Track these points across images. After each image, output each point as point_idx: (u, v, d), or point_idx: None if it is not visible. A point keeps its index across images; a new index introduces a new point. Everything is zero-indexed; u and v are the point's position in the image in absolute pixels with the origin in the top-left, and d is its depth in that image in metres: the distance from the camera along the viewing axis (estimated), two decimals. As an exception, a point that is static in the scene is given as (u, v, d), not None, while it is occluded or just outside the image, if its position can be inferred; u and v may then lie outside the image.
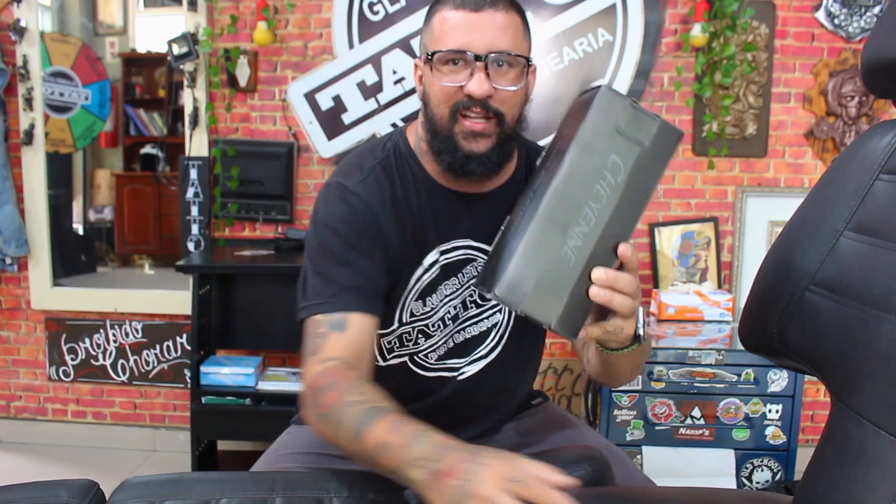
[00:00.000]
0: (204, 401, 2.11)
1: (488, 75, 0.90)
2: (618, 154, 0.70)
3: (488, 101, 0.91)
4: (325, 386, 0.86)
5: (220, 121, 2.36)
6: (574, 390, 2.44)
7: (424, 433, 0.75)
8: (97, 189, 4.28)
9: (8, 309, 2.55)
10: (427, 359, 1.08)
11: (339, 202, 0.99)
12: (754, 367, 1.84)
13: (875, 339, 0.67)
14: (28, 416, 2.62)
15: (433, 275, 1.03)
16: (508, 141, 0.96)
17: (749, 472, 1.89)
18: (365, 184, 0.99)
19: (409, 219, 1.00)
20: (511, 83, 0.92)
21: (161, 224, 4.14)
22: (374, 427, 0.77)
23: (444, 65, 0.92)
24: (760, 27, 2.22)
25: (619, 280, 0.72)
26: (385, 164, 1.01)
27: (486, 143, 0.94)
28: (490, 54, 0.90)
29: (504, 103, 0.93)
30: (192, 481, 0.91)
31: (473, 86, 0.90)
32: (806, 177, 2.31)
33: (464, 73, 0.91)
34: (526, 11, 0.99)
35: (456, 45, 0.90)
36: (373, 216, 0.98)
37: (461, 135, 0.93)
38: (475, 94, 0.90)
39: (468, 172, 0.95)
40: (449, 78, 0.92)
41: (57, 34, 2.57)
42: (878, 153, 0.73)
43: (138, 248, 4.26)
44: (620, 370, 0.95)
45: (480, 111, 0.92)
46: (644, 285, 2.36)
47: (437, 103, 0.94)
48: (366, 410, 0.80)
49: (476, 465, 0.67)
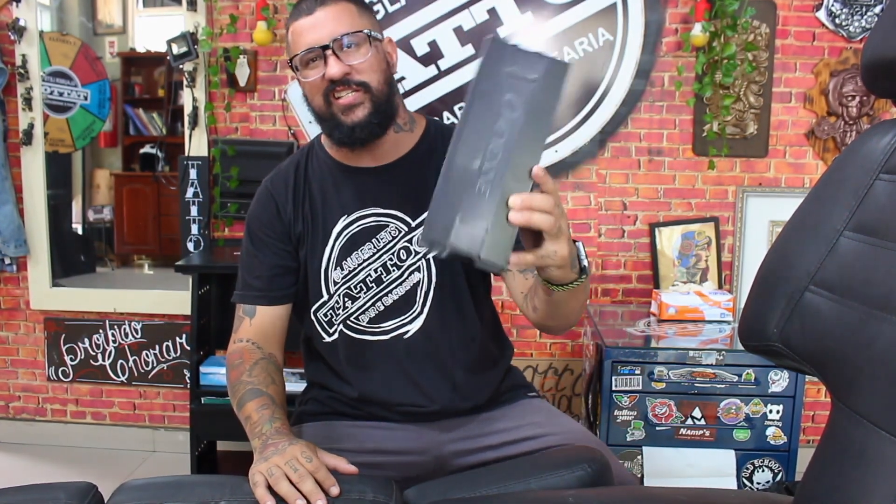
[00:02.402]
0: (203, 401, 2.10)
1: (339, 58, 1.06)
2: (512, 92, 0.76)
3: (348, 78, 1.07)
4: (233, 364, 1.12)
5: (220, 120, 2.36)
6: (574, 390, 2.44)
7: (272, 420, 0.99)
8: (96, 189, 4.28)
9: (7, 309, 2.54)
10: (359, 321, 1.18)
11: (254, 201, 1.22)
12: (755, 368, 1.83)
13: (875, 339, 0.67)
14: (27, 416, 2.61)
15: (343, 241, 1.17)
16: (383, 103, 1.10)
17: (750, 472, 1.89)
18: (273, 179, 1.22)
19: (310, 199, 1.18)
20: (361, 56, 1.08)
21: (160, 224, 4.14)
22: (248, 404, 1.03)
23: (305, 66, 1.09)
24: (761, 27, 2.22)
25: (535, 199, 0.76)
26: (298, 159, 1.22)
27: (362, 112, 1.08)
28: (333, 40, 1.06)
29: (363, 74, 1.08)
30: (190, 484, 0.91)
31: (330, 70, 1.06)
32: (807, 177, 2.31)
33: (321, 66, 1.07)
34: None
35: (305, 45, 1.07)
36: (273, 204, 1.19)
37: (339, 112, 1.09)
38: (334, 76, 1.06)
39: (357, 140, 1.10)
40: (312, 73, 1.08)
41: (56, 34, 2.56)
42: (878, 153, 0.73)
43: (138, 248, 4.26)
44: (568, 310, 1.02)
45: (345, 87, 1.07)
46: (644, 285, 2.36)
47: (312, 97, 1.11)
48: (248, 391, 1.05)
49: (276, 449, 0.91)
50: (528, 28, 2.20)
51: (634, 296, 2.37)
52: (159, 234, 4.16)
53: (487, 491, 0.97)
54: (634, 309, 2.27)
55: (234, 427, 2.13)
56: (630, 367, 1.84)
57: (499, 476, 1.01)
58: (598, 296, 2.39)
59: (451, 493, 0.96)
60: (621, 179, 2.33)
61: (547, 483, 0.98)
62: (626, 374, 1.84)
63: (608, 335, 1.94)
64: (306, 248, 1.18)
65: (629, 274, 2.38)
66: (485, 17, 2.21)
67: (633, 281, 2.38)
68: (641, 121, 2.29)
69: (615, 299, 2.39)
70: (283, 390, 1.10)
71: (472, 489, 0.97)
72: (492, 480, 0.99)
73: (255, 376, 1.07)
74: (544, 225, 0.78)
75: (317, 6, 1.07)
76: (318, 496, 0.85)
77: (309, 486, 0.85)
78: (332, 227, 1.17)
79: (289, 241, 1.19)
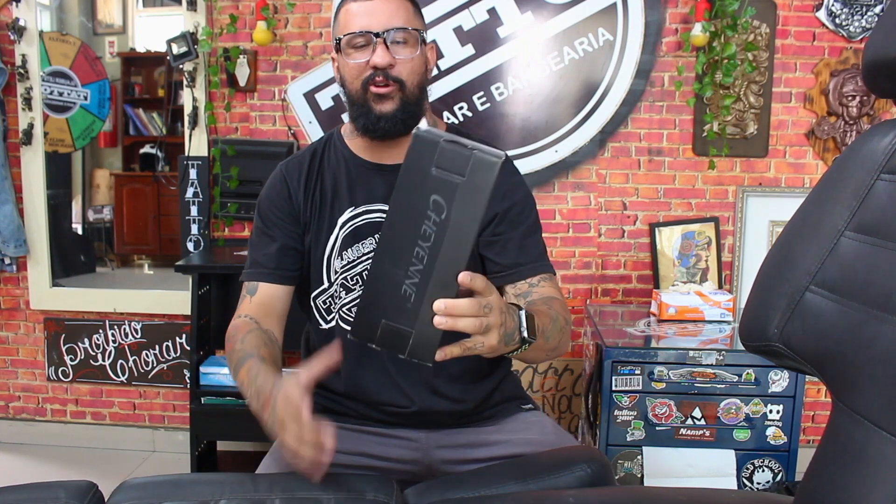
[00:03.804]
0: (203, 401, 2.10)
1: (388, 48, 1.08)
2: (438, 192, 0.74)
3: (389, 71, 1.09)
4: (231, 336, 1.12)
5: (220, 120, 2.36)
6: (574, 390, 2.44)
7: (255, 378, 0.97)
8: (96, 189, 4.27)
9: (7, 309, 2.54)
10: (350, 314, 1.19)
11: (267, 184, 1.23)
12: (755, 368, 1.83)
13: (876, 340, 0.67)
14: (27, 416, 2.61)
15: (346, 232, 1.18)
16: (412, 104, 1.12)
17: (750, 472, 1.89)
18: (288, 163, 1.24)
19: (321, 188, 1.20)
20: (408, 53, 1.11)
21: (160, 224, 4.14)
22: (241, 369, 1.02)
23: (352, 48, 1.11)
24: (761, 27, 2.22)
25: (458, 306, 0.76)
26: (316, 147, 1.24)
27: (391, 104, 1.11)
28: (387, 31, 1.08)
29: (403, 72, 1.10)
30: (190, 482, 0.91)
31: (377, 58, 1.08)
32: (807, 177, 2.31)
33: (368, 51, 1.09)
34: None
35: (358, 28, 1.09)
36: (285, 188, 1.20)
37: (371, 98, 1.11)
38: (379, 64, 1.08)
39: (380, 130, 1.12)
40: (356, 56, 1.10)
41: (56, 34, 2.56)
42: (878, 153, 0.73)
43: (137, 248, 4.26)
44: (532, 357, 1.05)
45: (383, 79, 1.10)
46: (644, 285, 2.36)
47: (350, 80, 1.13)
48: (240, 357, 1.04)
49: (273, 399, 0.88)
50: (528, 28, 2.21)
51: (634, 296, 2.37)
52: (159, 234, 4.16)
53: (487, 491, 0.97)
54: (634, 309, 2.27)
55: (234, 427, 2.16)
56: (630, 367, 1.84)
57: (499, 476, 1.01)
58: (598, 296, 2.39)
59: (451, 493, 0.96)
60: (621, 179, 2.33)
61: (547, 483, 0.98)
62: (626, 374, 1.84)
63: (608, 335, 1.94)
64: (312, 234, 1.20)
65: (629, 274, 2.38)
66: (485, 17, 2.21)
67: (633, 281, 2.38)
68: (641, 121, 2.29)
69: (615, 299, 2.39)
70: (275, 352, 1.09)
71: (472, 489, 0.97)
72: (492, 480, 0.99)
73: (247, 343, 1.07)
74: (469, 329, 0.78)
75: None
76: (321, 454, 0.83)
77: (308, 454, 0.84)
78: (338, 216, 1.18)
79: (298, 224, 1.20)
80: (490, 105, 2.27)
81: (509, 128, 2.29)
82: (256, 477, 0.94)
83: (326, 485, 0.88)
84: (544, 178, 2.32)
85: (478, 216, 0.74)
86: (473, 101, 2.27)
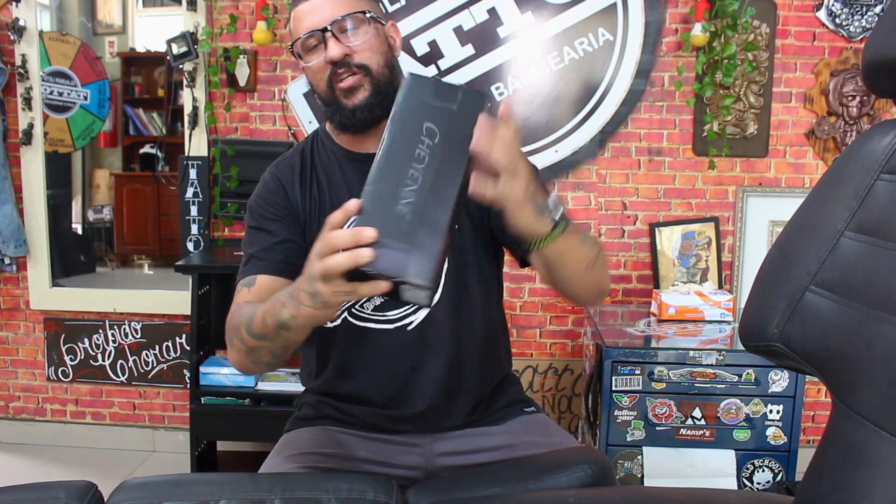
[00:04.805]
0: (203, 401, 2.11)
1: (338, 40, 1.06)
2: (431, 120, 0.80)
3: (348, 60, 1.07)
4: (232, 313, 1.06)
5: (220, 120, 2.36)
6: (574, 390, 2.44)
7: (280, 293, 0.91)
8: (96, 189, 4.27)
9: (7, 309, 2.54)
10: (363, 309, 1.16)
11: (258, 187, 1.20)
12: (755, 368, 1.83)
13: (876, 340, 0.67)
14: (27, 416, 2.61)
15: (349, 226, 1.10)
16: (384, 85, 1.09)
17: (750, 472, 1.89)
18: (278, 164, 1.21)
19: (317, 183, 1.18)
20: (362, 36, 1.07)
21: (160, 224, 4.14)
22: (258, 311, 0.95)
23: (307, 51, 1.09)
24: (761, 26, 2.22)
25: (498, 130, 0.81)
26: (303, 146, 1.22)
27: (362, 94, 1.08)
28: (333, 22, 1.06)
29: (363, 55, 1.07)
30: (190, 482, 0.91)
31: (330, 52, 1.06)
32: (807, 177, 2.31)
33: (321, 50, 1.07)
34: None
35: (305, 30, 1.07)
36: (280, 187, 1.17)
37: (341, 95, 1.08)
38: (334, 58, 1.06)
39: (359, 122, 1.10)
40: (313, 58, 1.09)
41: (56, 33, 2.56)
42: (878, 153, 0.73)
43: (137, 248, 4.26)
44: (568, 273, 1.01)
45: (346, 70, 1.07)
46: (644, 285, 2.36)
47: (316, 82, 1.11)
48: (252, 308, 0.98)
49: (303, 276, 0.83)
50: (528, 28, 2.21)
51: (634, 296, 2.37)
52: (159, 234, 4.16)
53: (487, 491, 0.97)
54: (634, 309, 2.27)
55: (234, 427, 2.16)
56: (630, 367, 1.84)
57: (499, 476, 1.01)
58: (598, 296, 2.39)
59: (451, 493, 0.96)
60: (621, 179, 2.33)
61: (547, 484, 0.98)
62: (627, 374, 1.84)
63: (608, 335, 1.94)
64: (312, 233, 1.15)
65: (629, 274, 2.38)
66: (485, 16, 2.21)
67: (633, 281, 2.38)
68: (641, 121, 2.29)
69: (615, 299, 2.39)
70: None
71: (472, 489, 0.97)
72: (492, 480, 0.99)
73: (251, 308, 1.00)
74: (502, 156, 0.80)
75: None
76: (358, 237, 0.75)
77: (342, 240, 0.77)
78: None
79: (297, 221, 1.16)
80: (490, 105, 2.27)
81: (509, 128, 2.28)
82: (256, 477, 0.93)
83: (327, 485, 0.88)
84: (544, 178, 2.32)
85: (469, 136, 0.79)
86: (473, 101, 2.27)
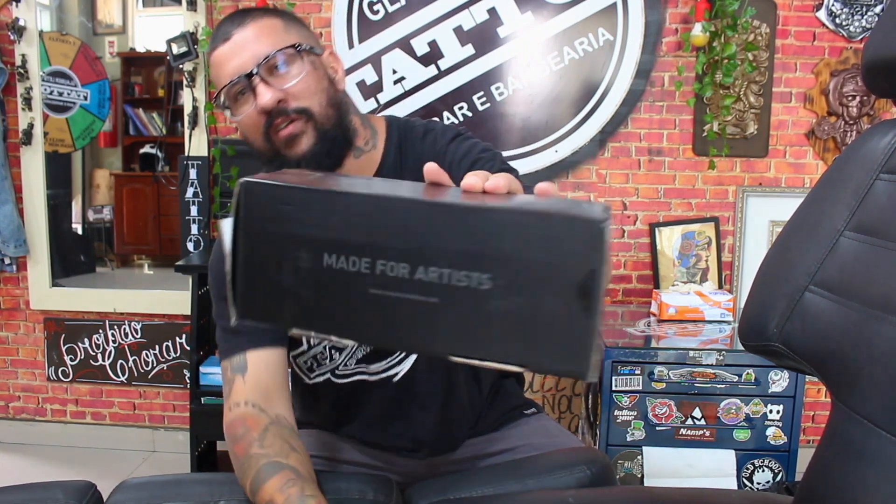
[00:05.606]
0: (203, 401, 2.10)
1: (268, 84, 0.89)
2: None
3: (284, 106, 0.90)
4: (236, 435, 0.89)
5: (220, 120, 2.36)
6: (574, 390, 2.44)
7: (302, 498, 0.77)
8: (96, 189, 4.27)
9: (7, 309, 2.54)
10: (347, 367, 1.06)
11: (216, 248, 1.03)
12: (755, 368, 1.83)
13: (876, 340, 0.67)
14: (27, 416, 2.61)
15: None
16: (332, 128, 0.93)
17: (750, 472, 1.89)
18: None
19: None
20: (294, 77, 0.90)
21: (160, 224, 4.15)
22: (267, 483, 0.81)
23: (234, 101, 0.92)
24: (761, 26, 2.21)
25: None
26: None
27: (306, 141, 0.91)
28: (258, 65, 0.88)
29: (300, 98, 0.91)
30: (190, 482, 0.91)
31: (261, 100, 0.89)
32: (807, 177, 2.31)
33: (251, 98, 0.90)
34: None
35: (228, 76, 0.90)
36: None
37: (282, 147, 0.92)
38: (265, 106, 0.89)
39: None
40: (244, 109, 0.91)
41: (56, 33, 2.56)
42: (878, 153, 0.73)
43: (137, 248, 4.26)
44: None
45: (283, 118, 0.90)
46: (644, 285, 2.36)
47: (251, 136, 0.95)
48: (263, 466, 0.83)
49: None
50: (528, 28, 2.21)
51: (634, 296, 2.37)
52: (159, 234, 4.16)
53: (487, 491, 0.96)
54: (634, 309, 2.27)
55: (234, 427, 2.16)
56: (630, 367, 1.84)
57: (499, 476, 1.00)
58: (598, 296, 2.39)
59: (451, 493, 0.96)
60: (621, 179, 2.33)
61: (547, 484, 0.98)
62: (626, 374, 1.84)
63: (608, 335, 1.94)
64: None
65: (629, 274, 2.38)
66: (485, 16, 2.21)
67: (633, 281, 2.38)
68: (641, 121, 2.29)
69: (615, 299, 2.38)
70: (307, 459, 0.88)
71: (472, 489, 0.97)
72: (492, 480, 0.99)
73: (269, 446, 0.86)
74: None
75: (234, 28, 0.90)
76: None
77: None
78: None
79: None
80: (490, 105, 2.27)
81: (509, 128, 2.29)
82: (256, 477, 0.93)
83: (326, 485, 0.88)
84: (544, 178, 2.32)
85: None
86: (473, 102, 2.27)
